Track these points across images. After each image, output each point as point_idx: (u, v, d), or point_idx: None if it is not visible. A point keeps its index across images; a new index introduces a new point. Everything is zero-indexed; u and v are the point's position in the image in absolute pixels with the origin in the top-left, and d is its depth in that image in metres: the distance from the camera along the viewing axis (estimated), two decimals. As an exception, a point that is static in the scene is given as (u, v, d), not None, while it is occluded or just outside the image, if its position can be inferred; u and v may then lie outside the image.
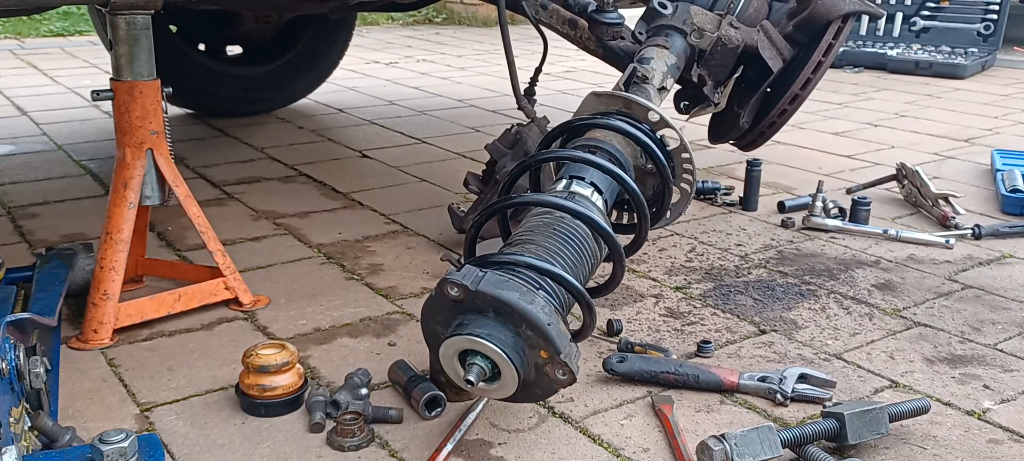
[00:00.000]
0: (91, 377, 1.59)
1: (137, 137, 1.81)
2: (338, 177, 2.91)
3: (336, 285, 2.01)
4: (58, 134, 3.50)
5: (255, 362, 1.45)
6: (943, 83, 4.90)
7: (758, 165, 2.55)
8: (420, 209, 2.57)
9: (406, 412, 1.45)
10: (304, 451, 1.36)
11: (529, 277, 1.24)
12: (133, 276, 1.93)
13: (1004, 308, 1.90)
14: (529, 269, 1.24)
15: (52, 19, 6.99)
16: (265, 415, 1.45)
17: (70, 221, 2.44)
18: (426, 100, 4.36)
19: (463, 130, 3.67)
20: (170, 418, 1.46)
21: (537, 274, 1.25)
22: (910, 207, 2.60)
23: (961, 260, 2.19)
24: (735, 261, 2.17)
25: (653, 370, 1.53)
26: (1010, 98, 4.54)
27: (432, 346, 1.28)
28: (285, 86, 3.96)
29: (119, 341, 1.71)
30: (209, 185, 2.82)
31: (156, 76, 1.84)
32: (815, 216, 2.40)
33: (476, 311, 1.20)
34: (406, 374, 1.51)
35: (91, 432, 1.38)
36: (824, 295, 1.96)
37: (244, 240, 2.31)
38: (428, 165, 3.08)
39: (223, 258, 1.88)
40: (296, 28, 3.87)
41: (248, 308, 1.86)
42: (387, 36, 7.04)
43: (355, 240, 2.31)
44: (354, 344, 1.72)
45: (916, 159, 3.06)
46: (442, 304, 1.22)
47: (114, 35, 1.80)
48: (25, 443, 1.20)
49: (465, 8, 7.87)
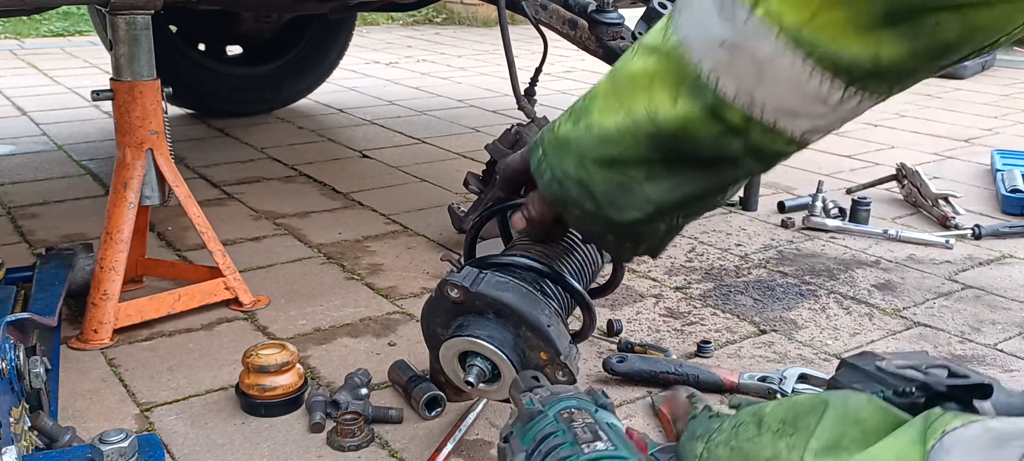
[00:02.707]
0: (91, 377, 1.59)
1: (137, 137, 1.81)
2: (338, 177, 2.91)
3: (336, 285, 2.01)
4: (58, 134, 3.50)
5: (255, 362, 1.45)
6: (943, 83, 4.90)
7: (758, 165, 2.55)
8: (420, 209, 2.57)
9: (406, 412, 1.45)
10: (304, 451, 1.36)
11: (529, 279, 1.24)
12: (133, 276, 1.93)
13: (1004, 308, 1.90)
14: (529, 270, 1.24)
15: (52, 19, 6.99)
16: (265, 415, 1.45)
17: (70, 221, 2.44)
18: (426, 100, 4.36)
19: (463, 130, 3.67)
20: (170, 418, 1.46)
21: (537, 276, 1.25)
22: (910, 207, 2.60)
23: (961, 260, 2.19)
24: (735, 261, 2.17)
25: (653, 370, 1.53)
26: (1010, 98, 4.54)
27: (432, 347, 1.27)
28: (285, 86, 3.96)
29: (119, 341, 1.71)
30: (209, 185, 2.82)
31: (156, 76, 1.84)
32: (815, 216, 2.40)
33: (476, 312, 1.19)
34: (406, 374, 1.51)
35: (91, 432, 1.38)
36: (824, 295, 1.96)
37: (244, 240, 2.31)
38: (428, 165, 3.08)
39: (223, 258, 1.88)
40: (296, 28, 3.87)
41: (248, 308, 1.86)
42: (387, 36, 7.04)
43: (355, 240, 2.31)
44: (354, 344, 1.72)
45: (916, 159, 3.06)
46: (442, 305, 1.22)
47: (114, 35, 1.80)
48: (25, 443, 1.20)
49: (465, 8, 7.87)
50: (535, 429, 0.82)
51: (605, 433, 0.75)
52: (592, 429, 0.76)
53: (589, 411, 0.82)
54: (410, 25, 7.87)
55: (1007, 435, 0.47)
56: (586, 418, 0.79)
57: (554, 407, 0.84)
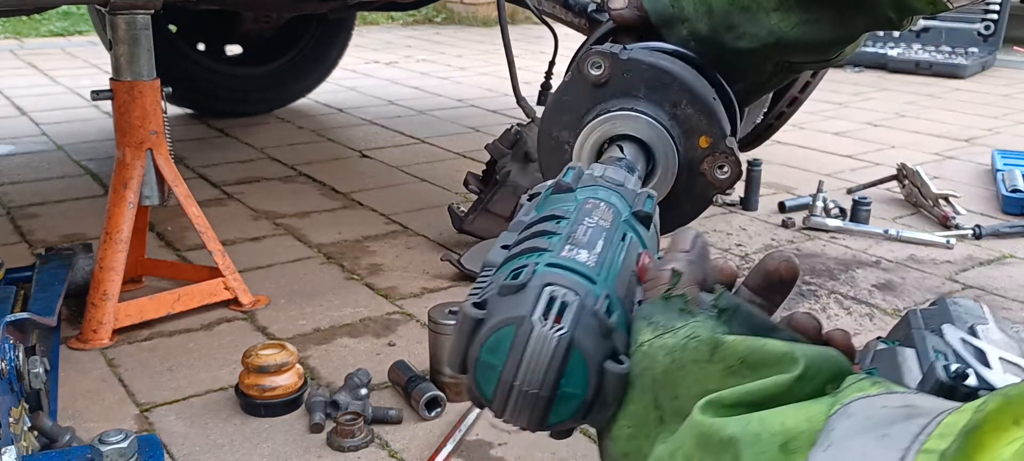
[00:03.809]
0: (91, 377, 1.58)
1: (137, 137, 1.80)
2: (338, 177, 2.91)
3: (336, 285, 2.01)
4: (58, 134, 3.49)
5: (255, 362, 1.45)
6: (943, 83, 4.90)
7: (758, 165, 2.55)
8: (420, 209, 2.56)
9: (406, 412, 1.45)
10: (304, 451, 1.36)
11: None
12: (133, 276, 1.93)
13: (1004, 308, 1.90)
14: (678, 56, 0.96)
15: (52, 19, 6.99)
16: (265, 415, 1.45)
17: (70, 221, 2.44)
18: (426, 100, 4.36)
19: (463, 130, 3.67)
20: (170, 418, 1.45)
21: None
22: (910, 207, 2.60)
23: (961, 260, 2.19)
24: (735, 261, 2.17)
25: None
26: (1010, 98, 4.54)
27: (551, 167, 0.96)
28: (285, 86, 3.96)
29: (119, 341, 1.71)
30: (209, 185, 2.82)
31: (156, 76, 1.84)
32: (815, 216, 2.40)
33: (620, 93, 0.93)
34: (406, 374, 1.51)
35: (91, 432, 1.38)
36: (824, 295, 1.96)
37: (244, 240, 2.31)
38: (428, 165, 3.08)
39: (223, 258, 1.88)
40: (296, 28, 3.87)
41: (248, 308, 1.86)
42: (387, 36, 7.04)
43: (355, 240, 2.31)
44: (354, 344, 1.72)
45: (916, 159, 3.06)
46: (572, 95, 0.94)
47: (114, 35, 1.80)
48: (25, 443, 1.20)
49: (465, 8, 7.87)
50: (553, 204, 0.68)
51: (606, 243, 0.62)
52: (598, 234, 0.63)
53: (617, 212, 0.67)
54: (410, 25, 7.87)
55: (920, 412, 0.44)
56: (606, 220, 0.65)
57: (585, 191, 0.69)
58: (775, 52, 0.88)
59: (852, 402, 0.46)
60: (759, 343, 0.51)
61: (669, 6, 0.90)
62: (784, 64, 0.91)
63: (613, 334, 0.55)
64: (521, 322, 0.54)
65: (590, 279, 0.57)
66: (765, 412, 0.47)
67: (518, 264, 0.59)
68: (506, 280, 0.57)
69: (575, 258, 0.59)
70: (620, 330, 0.57)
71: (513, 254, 0.62)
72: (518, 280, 0.56)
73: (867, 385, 0.48)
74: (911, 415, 0.43)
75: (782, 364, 0.49)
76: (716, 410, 0.49)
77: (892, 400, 0.46)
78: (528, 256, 0.60)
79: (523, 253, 0.61)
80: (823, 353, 0.51)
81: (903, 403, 0.45)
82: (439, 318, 1.50)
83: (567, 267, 0.58)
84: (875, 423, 0.44)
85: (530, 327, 0.54)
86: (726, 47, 0.88)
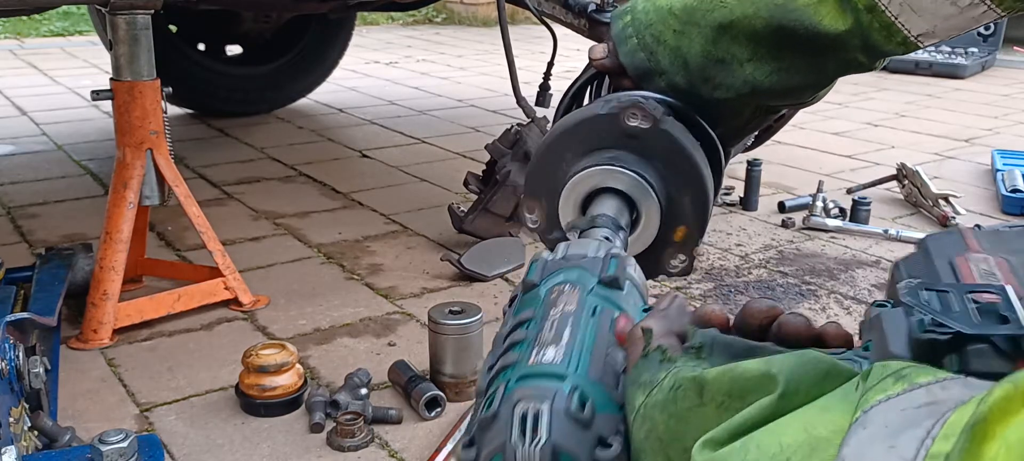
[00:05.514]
0: (91, 377, 1.59)
1: (137, 137, 1.81)
2: (338, 177, 2.91)
3: (336, 285, 2.01)
4: (58, 134, 3.50)
5: (255, 362, 1.45)
6: (943, 83, 4.90)
7: (758, 165, 2.56)
8: (420, 209, 2.57)
9: (406, 412, 1.45)
10: (304, 451, 1.36)
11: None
12: (133, 276, 1.93)
13: (1004, 308, 1.90)
14: (701, 131, 0.96)
15: (52, 19, 6.99)
16: (265, 415, 1.45)
17: (70, 221, 2.44)
18: (426, 100, 4.36)
19: (463, 130, 3.67)
20: (170, 418, 1.45)
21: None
22: (910, 207, 2.60)
23: (961, 260, 2.18)
24: (735, 261, 2.17)
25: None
26: (1010, 98, 4.54)
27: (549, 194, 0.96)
28: (285, 86, 3.96)
29: (119, 341, 1.71)
30: (209, 185, 2.82)
31: (156, 76, 1.84)
32: (815, 216, 2.40)
33: (638, 152, 0.92)
34: (406, 374, 1.51)
35: (91, 432, 1.38)
36: (824, 295, 1.96)
37: (244, 240, 2.31)
38: (428, 165, 3.08)
39: (223, 258, 1.88)
40: (296, 28, 3.87)
41: (248, 308, 1.86)
42: (387, 36, 7.04)
43: (355, 240, 2.31)
44: (354, 344, 1.72)
45: (916, 159, 3.06)
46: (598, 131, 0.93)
47: (114, 35, 1.80)
48: (25, 443, 1.20)
49: (465, 8, 7.87)
50: (523, 308, 0.67)
51: (573, 328, 0.61)
52: (564, 322, 0.62)
53: (582, 288, 0.66)
54: (410, 25, 7.87)
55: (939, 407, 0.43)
56: (571, 303, 0.64)
57: (549, 281, 0.68)
58: (752, 99, 0.90)
59: (872, 408, 0.45)
60: (738, 370, 0.51)
61: (646, 61, 0.92)
62: (763, 107, 0.94)
63: (594, 421, 0.56)
64: (504, 449, 0.55)
65: (558, 376, 0.58)
66: (760, 434, 0.47)
67: (492, 389, 0.61)
68: (483, 411, 0.59)
69: (541, 361, 0.59)
70: (603, 412, 0.57)
71: (491, 378, 0.63)
72: (491, 408, 0.57)
73: (890, 384, 0.46)
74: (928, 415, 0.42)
75: (762, 385, 0.49)
76: (713, 447, 0.49)
77: (914, 398, 0.44)
78: (501, 376, 0.61)
79: (498, 374, 0.62)
80: (803, 361, 0.50)
81: (926, 400, 0.44)
82: (439, 318, 1.50)
83: (534, 375, 0.59)
84: (889, 432, 0.43)
85: (513, 452, 0.55)
86: (704, 97, 0.91)
